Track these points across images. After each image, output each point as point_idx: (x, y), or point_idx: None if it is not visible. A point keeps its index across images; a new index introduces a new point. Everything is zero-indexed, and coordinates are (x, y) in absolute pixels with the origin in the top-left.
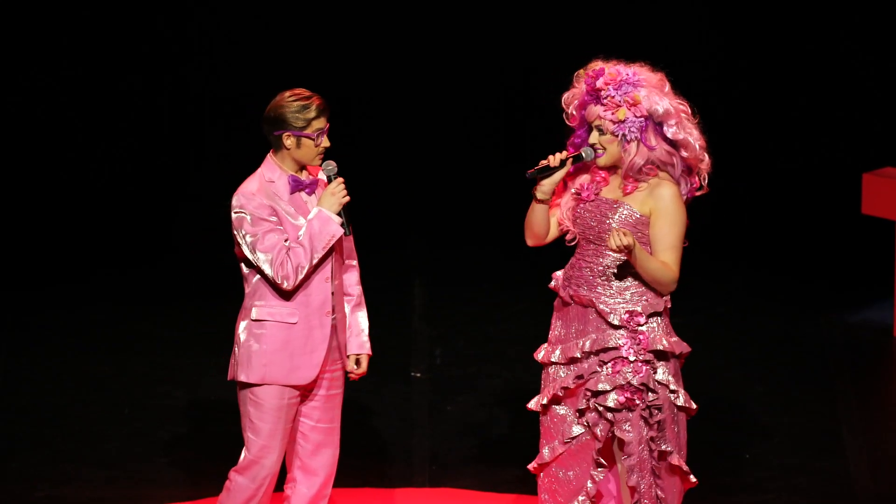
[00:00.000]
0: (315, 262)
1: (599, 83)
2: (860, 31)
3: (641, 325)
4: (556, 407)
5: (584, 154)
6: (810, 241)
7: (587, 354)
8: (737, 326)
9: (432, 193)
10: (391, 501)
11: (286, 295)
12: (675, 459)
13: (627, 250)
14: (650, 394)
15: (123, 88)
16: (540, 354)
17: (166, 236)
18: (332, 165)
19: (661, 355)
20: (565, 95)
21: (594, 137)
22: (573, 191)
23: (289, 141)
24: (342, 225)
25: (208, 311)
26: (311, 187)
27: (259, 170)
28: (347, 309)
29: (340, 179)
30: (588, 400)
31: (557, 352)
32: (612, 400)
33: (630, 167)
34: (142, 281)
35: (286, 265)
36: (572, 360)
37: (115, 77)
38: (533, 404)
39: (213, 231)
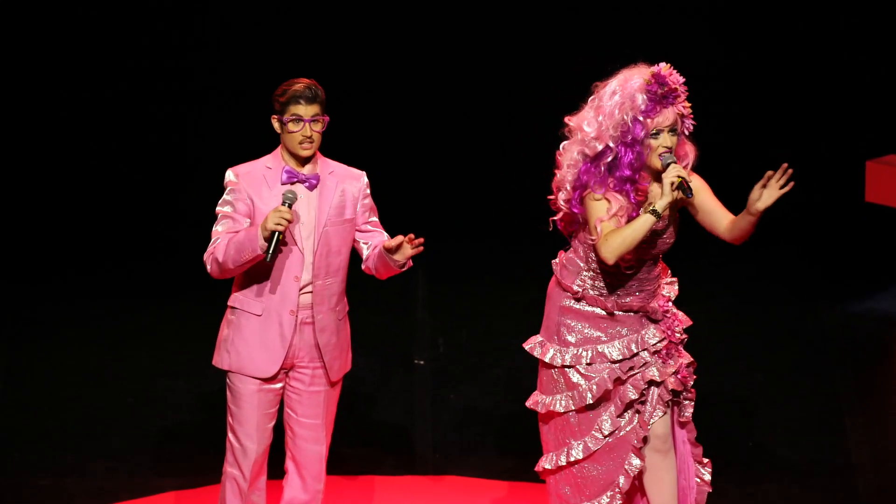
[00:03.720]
0: (231, 265)
1: (672, 82)
2: (863, 19)
3: (672, 308)
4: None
5: (667, 160)
6: (813, 230)
7: (634, 355)
8: (739, 316)
9: (437, 185)
10: (394, 489)
11: (253, 285)
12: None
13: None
14: (692, 368)
15: (123, 83)
16: (558, 358)
17: (169, 228)
18: (292, 193)
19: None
20: (611, 118)
21: (669, 140)
22: (633, 210)
23: (276, 124)
24: (265, 251)
25: (210, 304)
26: (311, 181)
27: (268, 154)
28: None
29: (286, 210)
30: (643, 390)
31: (594, 353)
32: (672, 383)
33: (691, 162)
34: (144, 274)
35: (212, 250)
36: (616, 360)
37: (114, 71)
38: (559, 405)
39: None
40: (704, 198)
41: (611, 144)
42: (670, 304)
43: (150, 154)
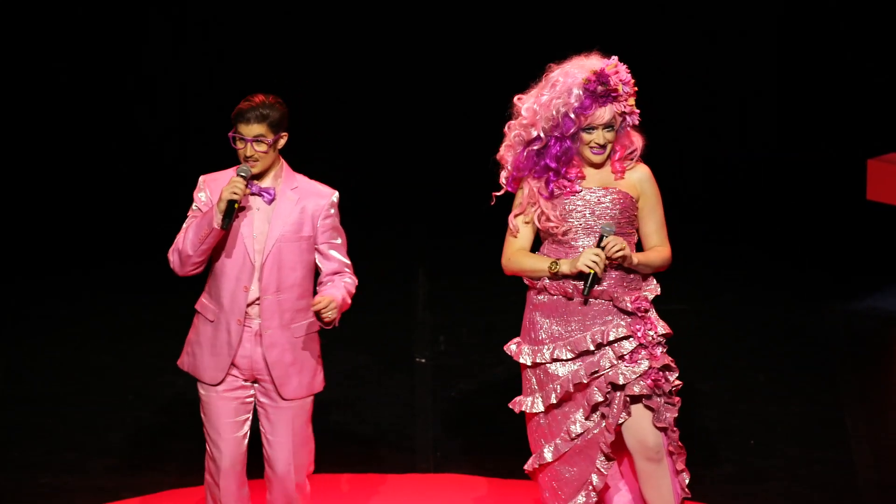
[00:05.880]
0: (190, 250)
1: (614, 82)
2: (865, 18)
3: (648, 311)
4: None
5: (605, 232)
6: (815, 228)
7: (599, 346)
8: (740, 314)
9: (438, 183)
10: (395, 487)
11: (211, 291)
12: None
13: (624, 259)
14: (672, 374)
15: (125, 83)
16: (527, 358)
17: (169, 226)
18: (246, 168)
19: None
20: (545, 108)
21: (602, 137)
22: (544, 191)
23: None
24: (220, 221)
25: None
26: (266, 195)
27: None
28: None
29: (240, 180)
30: (607, 393)
31: (562, 350)
32: (638, 387)
33: (634, 152)
34: (144, 270)
35: (173, 245)
36: (581, 355)
37: (114, 71)
38: (530, 406)
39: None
40: (646, 214)
41: (541, 134)
42: (649, 304)
43: (151, 153)
